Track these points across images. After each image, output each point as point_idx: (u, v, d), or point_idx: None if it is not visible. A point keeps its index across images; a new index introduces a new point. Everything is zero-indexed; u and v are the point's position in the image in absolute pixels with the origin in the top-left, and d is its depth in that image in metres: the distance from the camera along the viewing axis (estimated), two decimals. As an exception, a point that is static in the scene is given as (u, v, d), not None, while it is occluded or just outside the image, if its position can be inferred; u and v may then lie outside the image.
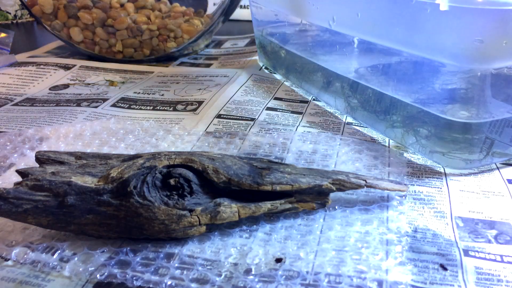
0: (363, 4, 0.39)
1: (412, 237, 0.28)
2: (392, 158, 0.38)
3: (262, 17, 0.61)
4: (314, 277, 0.25)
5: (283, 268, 0.26)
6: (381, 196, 0.32)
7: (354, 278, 0.25)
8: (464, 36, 0.31)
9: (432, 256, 0.27)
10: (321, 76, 0.50)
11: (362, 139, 0.41)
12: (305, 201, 0.30)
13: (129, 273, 0.25)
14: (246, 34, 0.84)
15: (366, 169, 0.36)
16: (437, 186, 0.34)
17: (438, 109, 0.35)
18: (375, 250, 0.27)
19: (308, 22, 0.52)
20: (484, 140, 0.34)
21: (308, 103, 0.50)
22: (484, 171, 0.36)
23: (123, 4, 0.71)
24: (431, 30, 0.33)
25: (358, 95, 0.44)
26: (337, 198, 0.32)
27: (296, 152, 0.39)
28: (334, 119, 0.46)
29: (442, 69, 0.35)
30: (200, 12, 0.76)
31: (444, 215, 0.31)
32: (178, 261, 0.26)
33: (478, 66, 0.32)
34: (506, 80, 0.35)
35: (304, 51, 0.53)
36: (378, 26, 0.39)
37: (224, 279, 0.25)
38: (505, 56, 0.31)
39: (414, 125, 0.38)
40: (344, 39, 0.45)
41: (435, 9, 0.31)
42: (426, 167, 0.37)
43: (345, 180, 0.31)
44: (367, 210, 0.31)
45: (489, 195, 0.33)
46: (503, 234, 0.29)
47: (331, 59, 0.49)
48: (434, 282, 0.25)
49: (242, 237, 0.29)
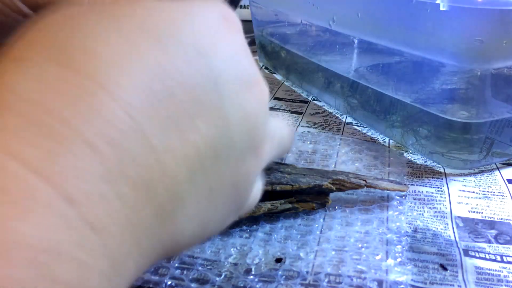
0: (363, 4, 0.39)
1: (412, 237, 0.28)
2: (392, 158, 0.38)
3: (262, 17, 0.61)
4: (314, 277, 0.25)
5: (283, 268, 0.26)
6: (381, 196, 0.32)
7: (354, 278, 0.25)
8: (464, 36, 0.31)
9: (432, 256, 0.27)
10: (321, 76, 0.50)
11: (362, 139, 0.41)
12: (305, 201, 0.30)
13: (129, 273, 0.25)
14: (246, 34, 0.84)
15: (366, 169, 0.36)
16: (437, 186, 0.34)
17: (438, 109, 0.35)
18: (375, 250, 0.27)
19: (308, 22, 0.52)
20: (484, 140, 0.34)
21: (308, 103, 0.50)
22: (484, 171, 0.36)
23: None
24: (431, 30, 0.33)
25: (358, 95, 0.44)
26: (337, 198, 0.32)
27: (296, 152, 0.39)
28: (334, 119, 0.46)
29: (442, 69, 0.35)
30: (200, 12, 0.76)
31: (444, 215, 0.31)
32: (178, 261, 0.26)
33: (478, 66, 0.32)
34: (506, 80, 0.35)
35: (304, 51, 0.53)
36: (378, 26, 0.39)
37: (224, 279, 0.25)
38: (505, 56, 0.31)
39: (414, 125, 0.38)
40: (344, 39, 0.45)
41: (435, 9, 0.31)
42: (426, 167, 0.37)
43: (345, 180, 0.31)
44: (367, 210, 0.31)
45: (489, 195, 0.33)
46: (503, 234, 0.29)
47: (331, 59, 0.49)
48: (434, 282, 0.25)
49: (242, 237, 0.29)
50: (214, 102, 0.15)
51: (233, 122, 0.16)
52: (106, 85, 0.12)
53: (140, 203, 0.13)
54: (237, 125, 0.16)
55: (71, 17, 0.14)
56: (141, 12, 0.15)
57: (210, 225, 0.17)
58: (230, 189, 0.17)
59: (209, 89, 0.15)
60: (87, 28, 0.14)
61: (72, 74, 0.12)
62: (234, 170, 0.17)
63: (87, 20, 0.14)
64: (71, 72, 0.12)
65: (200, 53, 0.15)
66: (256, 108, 0.17)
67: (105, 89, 0.12)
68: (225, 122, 0.16)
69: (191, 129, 0.15)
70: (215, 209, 0.17)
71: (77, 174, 0.11)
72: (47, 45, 0.13)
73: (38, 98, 0.12)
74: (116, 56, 0.13)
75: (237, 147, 0.17)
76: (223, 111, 0.16)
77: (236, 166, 0.17)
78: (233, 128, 0.16)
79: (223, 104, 0.16)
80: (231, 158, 0.16)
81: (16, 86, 0.12)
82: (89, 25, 0.14)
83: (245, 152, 0.17)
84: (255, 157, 0.18)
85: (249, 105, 0.17)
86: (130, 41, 0.14)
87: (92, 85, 0.12)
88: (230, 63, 0.16)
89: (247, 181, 0.18)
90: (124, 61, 0.13)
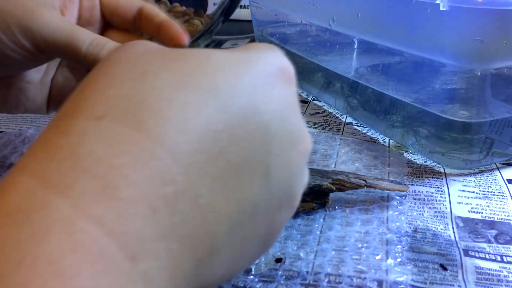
0: (363, 4, 0.39)
1: (412, 237, 0.28)
2: (392, 158, 0.38)
3: (262, 17, 0.61)
4: (314, 277, 0.25)
5: (283, 268, 0.26)
6: (381, 196, 0.32)
7: (354, 278, 0.25)
8: (464, 36, 0.31)
9: (432, 256, 0.27)
10: (321, 76, 0.50)
11: (362, 139, 0.41)
12: (305, 201, 0.30)
13: (129, 273, 0.25)
14: (246, 34, 0.84)
15: (366, 169, 0.36)
16: (437, 186, 0.34)
17: (438, 109, 0.35)
18: (375, 250, 0.27)
19: (308, 22, 0.52)
20: (484, 140, 0.34)
21: (308, 103, 0.50)
22: (484, 171, 0.36)
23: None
24: (431, 30, 0.33)
25: (358, 95, 0.44)
26: (337, 198, 0.32)
27: (296, 152, 0.39)
28: (334, 119, 0.46)
29: (442, 69, 0.35)
30: (200, 12, 0.76)
31: (444, 215, 0.31)
32: (178, 261, 0.26)
33: (478, 66, 0.32)
34: (506, 80, 0.35)
35: (304, 51, 0.53)
36: (378, 26, 0.39)
37: (224, 279, 0.25)
38: (505, 56, 0.31)
39: (414, 125, 0.38)
40: (344, 39, 0.45)
41: (435, 9, 0.31)
42: (426, 167, 0.37)
43: (345, 180, 0.31)
44: (367, 210, 0.31)
45: (489, 195, 0.33)
46: (503, 234, 0.29)
47: (331, 59, 0.49)
48: (434, 282, 0.25)
49: (242, 237, 0.29)
50: (261, 160, 0.16)
51: (276, 179, 0.16)
52: (171, 149, 0.13)
53: (184, 257, 0.14)
54: (279, 182, 0.17)
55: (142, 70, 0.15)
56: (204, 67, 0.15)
57: (240, 265, 0.18)
58: (264, 237, 0.18)
59: (259, 147, 0.15)
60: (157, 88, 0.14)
61: (142, 138, 0.13)
62: (270, 221, 0.17)
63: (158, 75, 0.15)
64: (141, 136, 0.13)
65: (255, 113, 0.15)
66: (299, 163, 0.18)
67: (169, 153, 0.13)
68: (268, 179, 0.16)
69: (236, 187, 0.15)
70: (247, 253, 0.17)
71: (140, 235, 0.12)
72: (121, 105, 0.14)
73: (111, 161, 0.13)
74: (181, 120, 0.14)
75: (275, 202, 0.17)
76: (268, 169, 0.16)
77: (272, 217, 0.17)
78: (275, 185, 0.16)
79: (269, 162, 0.16)
80: (269, 212, 0.17)
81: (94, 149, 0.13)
82: (159, 84, 0.14)
83: (282, 205, 0.17)
84: (290, 208, 0.18)
85: (293, 162, 0.17)
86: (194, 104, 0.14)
87: (158, 150, 0.13)
88: (281, 120, 0.16)
89: (279, 229, 0.19)
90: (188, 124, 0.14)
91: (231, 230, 0.15)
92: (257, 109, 0.15)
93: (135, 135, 0.13)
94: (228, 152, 0.15)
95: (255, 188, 0.16)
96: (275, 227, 0.18)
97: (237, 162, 0.15)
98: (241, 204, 0.15)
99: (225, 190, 0.15)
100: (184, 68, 0.15)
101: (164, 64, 0.15)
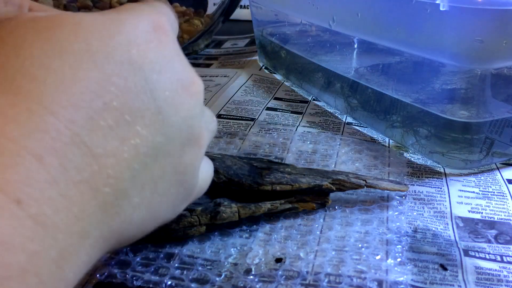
0: (363, 4, 0.39)
1: (412, 237, 0.28)
2: (392, 158, 0.38)
3: (262, 17, 0.61)
4: (314, 277, 0.25)
5: (283, 268, 0.26)
6: (381, 196, 0.32)
7: (354, 278, 0.25)
8: (464, 36, 0.31)
9: (432, 256, 0.27)
10: (321, 76, 0.50)
11: (362, 139, 0.41)
12: (305, 201, 0.30)
13: (129, 273, 0.25)
14: (246, 34, 0.84)
15: (366, 169, 0.36)
16: (437, 186, 0.34)
17: (438, 109, 0.35)
18: (375, 250, 0.27)
19: (308, 22, 0.52)
20: (484, 140, 0.34)
21: (308, 103, 0.50)
22: (484, 171, 0.36)
23: (123, 3, 0.71)
24: (431, 30, 0.33)
25: (358, 95, 0.44)
26: (337, 198, 0.32)
27: (296, 152, 0.39)
28: (334, 119, 0.46)
29: (442, 69, 0.35)
30: (200, 12, 0.76)
31: (444, 215, 0.31)
32: (178, 261, 0.26)
33: (478, 66, 0.32)
34: (506, 80, 0.35)
35: (304, 51, 0.53)
36: (378, 26, 0.39)
37: (224, 279, 0.25)
38: (505, 56, 0.31)
39: (414, 125, 0.38)
40: (344, 39, 0.45)
41: (435, 9, 0.31)
42: (426, 167, 0.37)
43: (345, 180, 0.31)
44: (367, 210, 0.31)
45: (489, 195, 0.33)
46: (503, 234, 0.29)
47: (331, 59, 0.49)
48: (434, 282, 0.25)
49: (242, 237, 0.29)
50: (151, 108, 0.17)
51: (171, 122, 0.18)
52: (50, 107, 0.15)
53: (85, 201, 0.15)
54: (175, 124, 0.18)
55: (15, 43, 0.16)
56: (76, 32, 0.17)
57: (161, 211, 0.19)
58: (174, 177, 0.19)
59: (145, 97, 0.17)
60: (31, 55, 0.15)
61: (21, 100, 0.14)
62: (177, 161, 0.19)
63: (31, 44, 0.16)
64: (20, 99, 0.14)
65: (133, 68, 0.17)
66: (192, 104, 0.19)
67: (50, 111, 0.15)
68: (163, 123, 0.18)
69: (130, 134, 0.17)
70: (163, 196, 0.19)
71: (25, 182, 0.13)
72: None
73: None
74: (58, 80, 0.15)
75: (177, 142, 0.19)
76: (160, 115, 0.18)
77: (178, 157, 0.19)
78: (172, 127, 0.18)
79: (160, 108, 0.18)
80: (171, 152, 0.19)
81: None
82: (33, 53, 0.16)
83: (185, 144, 0.19)
84: (195, 147, 0.20)
85: (186, 103, 0.19)
86: (70, 66, 0.16)
87: (38, 108, 0.14)
88: (163, 70, 0.18)
89: (190, 168, 0.20)
90: (65, 84, 0.15)
91: (135, 173, 0.17)
92: (135, 63, 0.17)
93: (14, 99, 0.14)
94: (113, 104, 0.16)
95: (151, 132, 0.17)
96: (185, 166, 0.20)
97: (127, 114, 0.16)
98: (139, 148, 0.17)
99: (120, 138, 0.16)
100: (57, 35, 0.16)
101: (37, 35, 0.16)
